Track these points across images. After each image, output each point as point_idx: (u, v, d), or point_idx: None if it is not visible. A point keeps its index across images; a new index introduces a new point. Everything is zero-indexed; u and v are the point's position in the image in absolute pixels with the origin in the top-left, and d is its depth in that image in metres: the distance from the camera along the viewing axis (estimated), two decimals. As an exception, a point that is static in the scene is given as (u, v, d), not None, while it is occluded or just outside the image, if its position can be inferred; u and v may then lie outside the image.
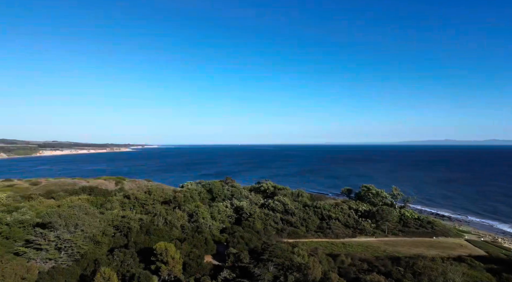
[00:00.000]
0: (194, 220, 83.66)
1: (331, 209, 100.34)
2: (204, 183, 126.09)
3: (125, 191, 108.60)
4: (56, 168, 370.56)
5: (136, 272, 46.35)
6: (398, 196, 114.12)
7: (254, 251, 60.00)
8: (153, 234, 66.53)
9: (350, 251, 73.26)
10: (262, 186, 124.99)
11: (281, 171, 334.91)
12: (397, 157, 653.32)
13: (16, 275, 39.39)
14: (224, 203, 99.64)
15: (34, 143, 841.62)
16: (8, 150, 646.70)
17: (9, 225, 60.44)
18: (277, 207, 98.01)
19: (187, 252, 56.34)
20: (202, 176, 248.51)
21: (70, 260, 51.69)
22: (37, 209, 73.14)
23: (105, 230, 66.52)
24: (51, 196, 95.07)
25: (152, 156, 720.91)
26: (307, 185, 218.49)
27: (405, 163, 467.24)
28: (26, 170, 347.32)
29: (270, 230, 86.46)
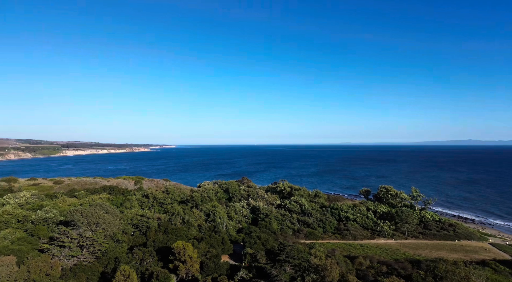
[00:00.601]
0: (211, 220, 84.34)
1: (348, 210, 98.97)
2: (220, 183, 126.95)
3: (144, 191, 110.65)
4: (78, 168, 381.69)
5: (155, 270, 47.12)
6: (418, 198, 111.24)
7: (271, 252, 59.93)
8: (171, 233, 67.40)
9: (368, 253, 72.06)
10: (278, 186, 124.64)
11: (297, 171, 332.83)
12: (418, 157, 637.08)
13: (40, 271, 40.82)
14: (240, 203, 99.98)
15: (58, 143, 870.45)
16: (33, 150, 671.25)
17: (34, 222, 62.80)
18: (294, 207, 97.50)
19: (204, 252, 56.82)
20: (218, 176, 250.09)
21: (91, 258, 53.09)
22: (61, 208, 75.58)
23: (125, 229, 68.06)
24: (73, 195, 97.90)
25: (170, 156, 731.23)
26: (324, 186, 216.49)
27: (426, 163, 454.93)
28: (50, 169, 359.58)
29: (287, 230, 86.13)
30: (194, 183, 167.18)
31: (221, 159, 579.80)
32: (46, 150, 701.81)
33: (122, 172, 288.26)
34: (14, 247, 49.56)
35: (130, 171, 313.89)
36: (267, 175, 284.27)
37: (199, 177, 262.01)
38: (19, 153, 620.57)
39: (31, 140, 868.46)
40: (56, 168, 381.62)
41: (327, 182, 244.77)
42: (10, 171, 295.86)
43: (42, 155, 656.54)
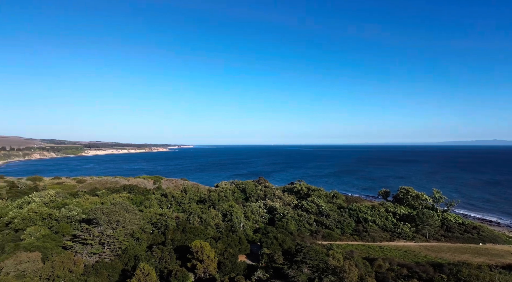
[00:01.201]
0: (228, 220, 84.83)
1: (367, 211, 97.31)
2: (237, 183, 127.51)
3: (162, 190, 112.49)
4: (99, 167, 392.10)
5: (173, 269, 47.80)
6: (440, 199, 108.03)
7: (288, 252, 59.69)
8: (189, 232, 68.21)
9: (388, 256, 70.62)
10: (295, 187, 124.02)
11: (314, 171, 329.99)
12: (439, 158, 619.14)
13: (64, 267, 42.16)
14: (257, 203, 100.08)
15: (80, 143, 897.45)
16: (57, 150, 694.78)
17: (58, 220, 64.91)
18: (311, 208, 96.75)
19: (222, 251, 57.20)
20: (235, 176, 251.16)
21: (112, 255, 54.40)
22: (83, 206, 77.86)
23: (144, 227, 69.37)
24: (95, 193, 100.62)
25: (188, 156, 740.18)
26: (342, 186, 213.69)
27: (447, 164, 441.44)
28: (73, 168, 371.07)
29: (304, 231, 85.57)
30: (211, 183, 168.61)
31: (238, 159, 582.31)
32: (69, 150, 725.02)
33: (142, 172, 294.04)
34: (39, 244, 51.43)
35: (149, 171, 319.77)
36: (283, 175, 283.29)
37: (216, 177, 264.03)
38: (44, 153, 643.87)
39: (55, 140, 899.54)
40: (78, 167, 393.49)
41: (344, 182, 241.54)
42: (36, 170, 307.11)
43: (65, 155, 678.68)
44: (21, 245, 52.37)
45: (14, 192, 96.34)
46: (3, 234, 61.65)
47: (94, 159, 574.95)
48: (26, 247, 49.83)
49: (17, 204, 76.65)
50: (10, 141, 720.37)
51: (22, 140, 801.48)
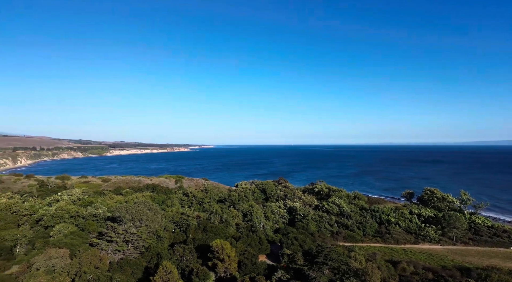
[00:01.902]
0: (248, 219, 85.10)
1: (390, 213, 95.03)
2: (257, 183, 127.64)
3: (184, 189, 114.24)
4: (123, 167, 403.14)
5: (195, 267, 48.45)
6: (468, 202, 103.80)
7: (308, 253, 59.20)
8: (210, 232, 68.95)
9: (412, 259, 68.64)
10: (315, 187, 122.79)
11: (335, 172, 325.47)
12: (465, 158, 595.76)
13: (90, 264, 43.64)
14: (277, 204, 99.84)
15: (105, 143, 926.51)
16: (84, 150, 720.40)
17: (85, 218, 67.25)
18: (332, 209, 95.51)
19: (242, 251, 57.45)
20: (255, 176, 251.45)
21: (136, 253, 55.78)
22: (108, 204, 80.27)
23: (166, 226, 70.69)
24: (119, 192, 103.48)
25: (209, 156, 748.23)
26: (363, 187, 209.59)
27: (475, 165, 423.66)
28: (98, 168, 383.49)
29: (325, 232, 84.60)
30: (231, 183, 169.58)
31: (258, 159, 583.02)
32: (95, 150, 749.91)
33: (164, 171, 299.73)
34: (67, 241, 53.48)
35: (171, 170, 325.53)
36: (304, 176, 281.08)
37: (236, 177, 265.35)
38: (72, 153, 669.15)
39: (82, 140, 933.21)
40: (103, 166, 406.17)
41: (366, 183, 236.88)
42: (64, 169, 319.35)
43: (91, 155, 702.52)
44: (50, 242, 54.64)
45: (44, 190, 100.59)
46: (33, 230, 64.53)
47: (118, 159, 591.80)
48: (55, 244, 51.95)
49: (47, 202, 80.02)
50: (40, 141, 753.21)
51: (52, 140, 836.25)
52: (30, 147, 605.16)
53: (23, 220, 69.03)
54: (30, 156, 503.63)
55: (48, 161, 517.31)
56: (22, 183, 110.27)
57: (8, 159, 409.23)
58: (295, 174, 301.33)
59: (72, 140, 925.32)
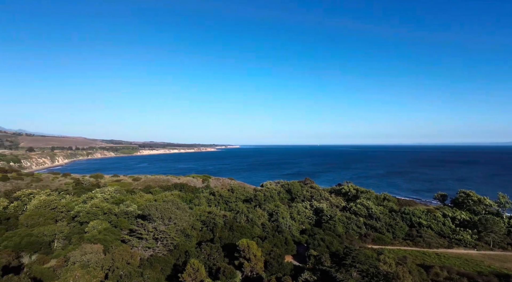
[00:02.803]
0: (274, 220, 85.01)
1: (422, 215, 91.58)
2: (283, 183, 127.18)
3: (210, 189, 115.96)
4: (152, 166, 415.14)
5: (222, 266, 49.07)
6: (507, 205, 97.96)
7: (336, 255, 58.29)
8: (236, 231, 69.52)
9: (445, 263, 65.74)
10: (343, 188, 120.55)
11: (363, 172, 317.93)
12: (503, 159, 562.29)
13: (122, 259, 45.31)
14: (303, 204, 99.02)
15: (136, 143, 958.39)
16: (116, 150, 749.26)
17: (117, 215, 69.89)
18: (360, 211, 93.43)
19: (268, 251, 57.48)
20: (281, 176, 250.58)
21: (165, 250, 57.28)
22: (138, 202, 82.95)
23: (194, 224, 72.09)
24: (149, 191, 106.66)
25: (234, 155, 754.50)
26: (393, 188, 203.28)
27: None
28: (129, 167, 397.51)
29: (353, 234, 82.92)
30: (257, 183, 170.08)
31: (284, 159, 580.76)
32: (126, 150, 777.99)
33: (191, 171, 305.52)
34: (100, 237, 55.83)
35: (198, 170, 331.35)
36: (330, 176, 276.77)
37: (262, 177, 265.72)
38: (104, 152, 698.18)
39: (114, 140, 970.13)
40: (134, 166, 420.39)
41: (395, 184, 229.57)
42: (97, 168, 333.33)
43: (122, 154, 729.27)
44: (85, 237, 57.27)
45: (79, 188, 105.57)
46: (70, 226, 67.90)
47: (148, 158, 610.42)
48: (89, 239, 54.41)
49: (82, 199, 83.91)
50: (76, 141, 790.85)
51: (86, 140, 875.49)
52: (66, 147, 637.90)
53: (60, 216, 72.86)
54: (67, 156, 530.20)
55: (83, 160, 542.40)
56: (60, 181, 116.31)
57: (46, 158, 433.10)
58: (321, 174, 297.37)
59: (105, 140, 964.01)
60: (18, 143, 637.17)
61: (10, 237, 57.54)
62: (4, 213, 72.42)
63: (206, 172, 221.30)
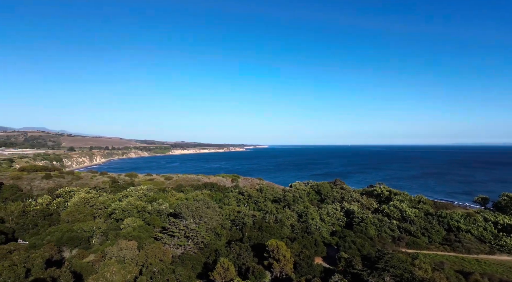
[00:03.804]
0: (303, 221, 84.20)
1: (460, 219, 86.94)
2: (312, 184, 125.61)
3: (239, 188, 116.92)
4: (184, 166, 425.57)
5: (251, 265, 49.34)
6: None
7: (367, 258, 56.77)
8: (265, 231, 69.61)
9: (486, 270, 61.96)
10: (375, 190, 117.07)
11: (396, 173, 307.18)
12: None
13: (155, 256, 46.83)
14: (333, 206, 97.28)
15: (168, 143, 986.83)
16: (149, 150, 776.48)
17: (150, 213, 72.28)
18: (393, 213, 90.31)
19: (298, 252, 57.04)
20: (310, 177, 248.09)
21: (195, 248, 58.51)
22: (170, 201, 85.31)
23: (224, 224, 72.98)
24: (180, 190, 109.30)
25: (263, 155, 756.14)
26: (428, 190, 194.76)
27: None
28: (161, 166, 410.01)
29: (385, 237, 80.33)
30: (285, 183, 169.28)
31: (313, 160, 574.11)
32: (159, 149, 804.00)
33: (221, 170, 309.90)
34: (135, 234, 58.03)
35: (228, 169, 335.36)
36: (361, 177, 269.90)
37: (290, 177, 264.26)
38: (138, 152, 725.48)
39: (147, 141, 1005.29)
40: (166, 165, 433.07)
41: (431, 186, 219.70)
42: (132, 168, 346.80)
43: (155, 154, 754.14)
44: (121, 234, 59.77)
45: (115, 186, 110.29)
46: (107, 223, 71.17)
47: (179, 158, 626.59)
48: (124, 236, 56.72)
49: (118, 197, 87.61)
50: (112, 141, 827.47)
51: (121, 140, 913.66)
52: (103, 146, 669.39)
53: (98, 213, 76.48)
54: (104, 155, 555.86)
55: (119, 160, 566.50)
56: (97, 180, 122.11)
57: (85, 158, 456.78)
58: (352, 175, 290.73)
59: (139, 140, 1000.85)
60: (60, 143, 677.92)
61: (52, 232, 61.26)
62: (48, 209, 77.07)
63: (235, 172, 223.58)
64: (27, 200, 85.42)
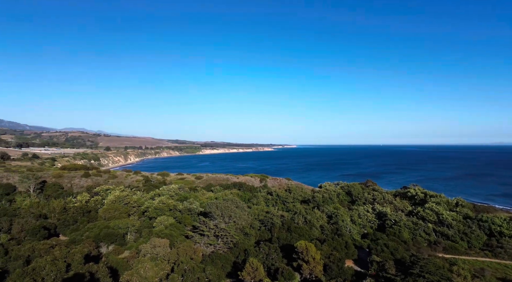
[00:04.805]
0: (333, 222, 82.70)
1: (503, 224, 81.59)
2: (342, 185, 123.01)
3: (268, 188, 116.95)
4: (213, 165, 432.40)
5: (280, 266, 49.15)
6: None
7: (401, 263, 54.78)
8: (294, 232, 69.07)
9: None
10: (409, 191, 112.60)
11: (432, 174, 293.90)
12: None
13: (186, 254, 47.95)
14: (364, 207, 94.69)
15: (198, 143, 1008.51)
16: (180, 149, 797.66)
17: (181, 212, 74.11)
18: (429, 216, 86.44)
19: (328, 254, 56.11)
20: (340, 177, 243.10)
21: (225, 247, 59.22)
22: (200, 200, 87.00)
23: (252, 223, 73.29)
24: (210, 189, 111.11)
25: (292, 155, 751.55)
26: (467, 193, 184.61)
27: None
28: (191, 165, 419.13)
29: (420, 241, 77.03)
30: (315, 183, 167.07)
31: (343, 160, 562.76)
32: (189, 149, 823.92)
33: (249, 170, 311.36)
34: (167, 232, 59.76)
35: (256, 169, 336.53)
36: (394, 178, 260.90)
37: (320, 177, 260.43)
38: (170, 151, 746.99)
39: (179, 140, 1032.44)
40: (196, 165, 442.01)
41: (470, 188, 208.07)
42: (164, 167, 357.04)
43: (186, 153, 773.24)
44: (154, 232, 61.78)
45: (148, 185, 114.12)
46: (140, 220, 73.85)
47: (209, 158, 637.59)
48: (157, 234, 58.58)
49: (150, 196, 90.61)
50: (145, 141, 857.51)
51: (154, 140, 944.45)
52: (137, 146, 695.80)
53: (132, 211, 79.54)
54: (137, 154, 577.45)
55: (151, 159, 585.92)
56: (131, 178, 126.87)
57: (121, 157, 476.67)
58: (384, 176, 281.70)
59: (170, 140, 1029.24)
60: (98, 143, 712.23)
61: (91, 229, 64.50)
62: (86, 207, 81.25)
63: (263, 172, 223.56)
64: (68, 197, 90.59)
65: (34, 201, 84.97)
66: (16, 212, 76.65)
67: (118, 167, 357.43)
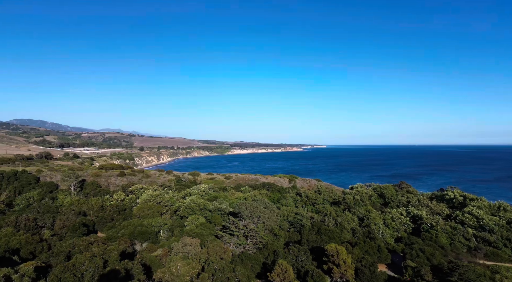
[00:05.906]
0: (365, 225, 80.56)
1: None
2: (375, 186, 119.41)
3: (297, 189, 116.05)
4: (242, 165, 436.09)
5: (310, 269, 48.56)
6: None
7: (438, 269, 52.32)
8: (324, 234, 68.00)
9: None
10: (446, 194, 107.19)
11: (471, 176, 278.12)
12: None
13: (216, 254, 48.62)
14: (398, 210, 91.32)
15: (227, 143, 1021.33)
16: (210, 149, 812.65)
17: (211, 211, 75.35)
18: (468, 221, 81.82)
19: (359, 258, 54.74)
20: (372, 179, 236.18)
21: (254, 248, 59.43)
22: (230, 200, 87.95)
23: (281, 224, 73.02)
24: (239, 189, 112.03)
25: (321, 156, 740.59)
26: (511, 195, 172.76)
27: None
28: (221, 165, 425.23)
29: (459, 247, 73.07)
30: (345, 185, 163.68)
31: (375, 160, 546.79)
32: (219, 149, 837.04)
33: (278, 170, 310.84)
34: (197, 231, 60.98)
35: (285, 170, 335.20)
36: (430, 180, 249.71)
37: (351, 178, 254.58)
38: (201, 152, 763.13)
39: (209, 140, 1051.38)
40: (226, 164, 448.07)
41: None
42: (195, 166, 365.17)
43: (216, 153, 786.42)
44: (185, 231, 63.27)
45: (179, 185, 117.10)
46: (172, 219, 75.94)
47: (238, 158, 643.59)
48: (188, 233, 59.93)
49: (182, 195, 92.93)
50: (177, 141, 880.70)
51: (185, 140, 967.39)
52: (169, 146, 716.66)
53: (164, 210, 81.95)
54: (169, 154, 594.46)
55: (183, 159, 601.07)
56: (164, 178, 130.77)
57: (154, 157, 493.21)
58: (420, 177, 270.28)
59: (201, 140, 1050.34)
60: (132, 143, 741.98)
61: (126, 226, 67.20)
62: (122, 205, 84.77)
63: (292, 172, 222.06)
64: (105, 195, 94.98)
65: (74, 199, 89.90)
66: (58, 209, 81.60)
67: (151, 167, 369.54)
